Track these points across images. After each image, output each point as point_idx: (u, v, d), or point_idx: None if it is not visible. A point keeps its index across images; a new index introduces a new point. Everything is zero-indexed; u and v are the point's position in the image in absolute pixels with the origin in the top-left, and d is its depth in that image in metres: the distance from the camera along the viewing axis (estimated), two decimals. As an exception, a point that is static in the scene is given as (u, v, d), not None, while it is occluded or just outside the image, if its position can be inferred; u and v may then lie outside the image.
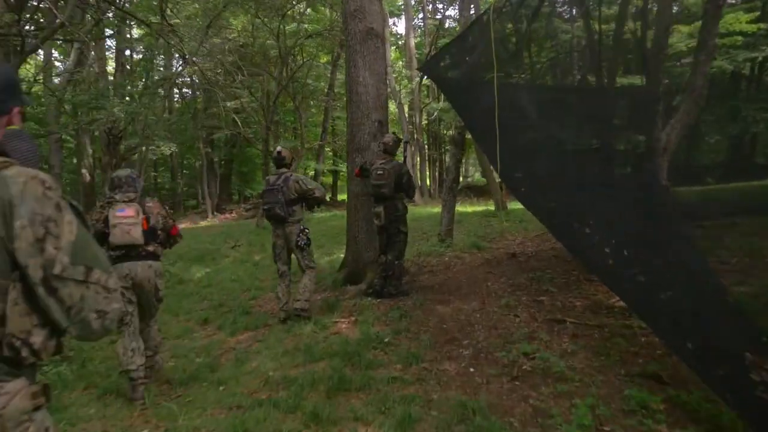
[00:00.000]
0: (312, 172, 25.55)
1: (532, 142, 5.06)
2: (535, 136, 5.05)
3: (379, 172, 5.69)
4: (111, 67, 26.49)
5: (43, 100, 16.21)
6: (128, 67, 27.67)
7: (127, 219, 3.71)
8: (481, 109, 4.89)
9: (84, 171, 26.90)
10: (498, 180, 12.13)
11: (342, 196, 31.39)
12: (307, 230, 5.49)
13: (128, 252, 3.75)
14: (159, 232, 3.96)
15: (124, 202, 3.78)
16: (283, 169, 5.54)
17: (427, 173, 27.89)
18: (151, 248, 3.87)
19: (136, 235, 3.72)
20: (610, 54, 5.21)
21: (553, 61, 5.83)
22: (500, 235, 9.60)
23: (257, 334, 5.29)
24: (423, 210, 17.43)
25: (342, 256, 8.65)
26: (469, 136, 8.98)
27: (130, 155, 24.56)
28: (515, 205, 14.92)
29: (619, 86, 5.12)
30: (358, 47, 6.53)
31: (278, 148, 5.64)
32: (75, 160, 27.62)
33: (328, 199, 26.95)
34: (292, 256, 5.63)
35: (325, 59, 23.75)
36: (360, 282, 6.39)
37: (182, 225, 22.05)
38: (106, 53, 26.78)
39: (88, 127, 15.87)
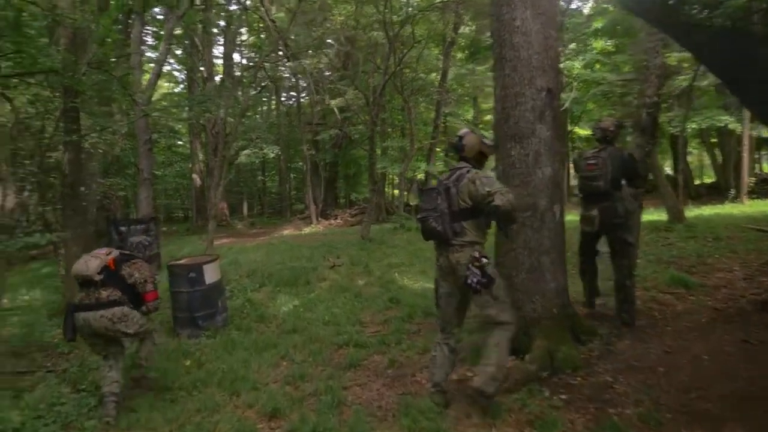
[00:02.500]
0: (422, 175, 23.35)
1: None
2: None
3: (591, 162, 4.56)
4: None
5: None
6: (237, 72, 27.43)
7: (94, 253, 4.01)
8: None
9: (195, 176, 26.96)
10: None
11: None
12: (484, 259, 3.24)
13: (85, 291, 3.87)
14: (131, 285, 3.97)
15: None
16: (462, 164, 3.51)
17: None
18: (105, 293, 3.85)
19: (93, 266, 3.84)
20: None
21: None
22: (699, 260, 6.71)
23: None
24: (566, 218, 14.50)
25: None
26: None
27: (235, 158, 24.07)
28: (692, 212, 11.61)
29: None
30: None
31: (462, 131, 3.62)
32: (186, 165, 27.81)
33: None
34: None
35: (436, 50, 21.46)
36: (524, 350, 3.97)
37: (285, 231, 20.94)
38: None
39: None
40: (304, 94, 27.60)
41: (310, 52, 17.95)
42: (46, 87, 6.61)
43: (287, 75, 26.33)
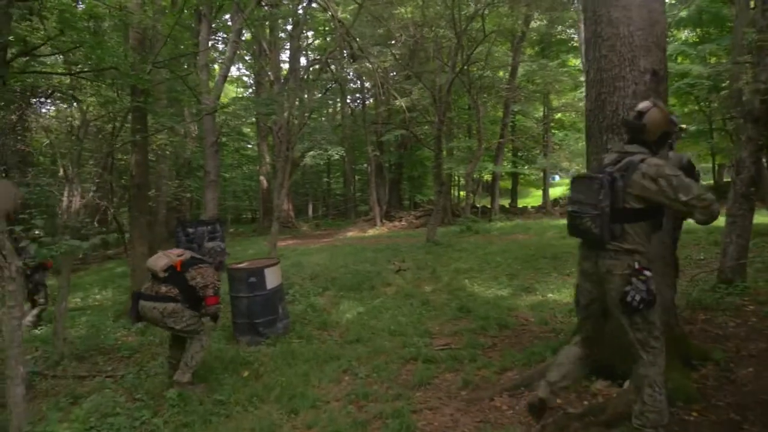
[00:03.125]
0: (489, 176, 22.59)
1: None
2: None
3: None
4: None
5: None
6: (302, 74, 27.63)
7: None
8: None
9: (261, 177, 27.43)
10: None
11: (524, 202, 27.98)
12: (647, 272, 2.64)
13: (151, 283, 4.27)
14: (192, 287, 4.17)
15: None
16: (635, 147, 2.78)
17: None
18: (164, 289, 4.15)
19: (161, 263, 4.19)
20: None
21: None
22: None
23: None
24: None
25: (557, 297, 5.76)
26: None
27: (300, 160, 24.20)
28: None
29: None
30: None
31: (643, 104, 2.82)
32: (252, 168, 28.35)
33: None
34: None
35: (505, 46, 20.67)
36: (621, 375, 3.39)
37: (350, 233, 20.76)
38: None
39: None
40: (368, 95, 27.50)
41: (375, 51, 17.67)
42: (114, 88, 6.63)
43: (352, 77, 26.33)
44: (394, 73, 22.36)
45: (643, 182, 2.59)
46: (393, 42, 18.85)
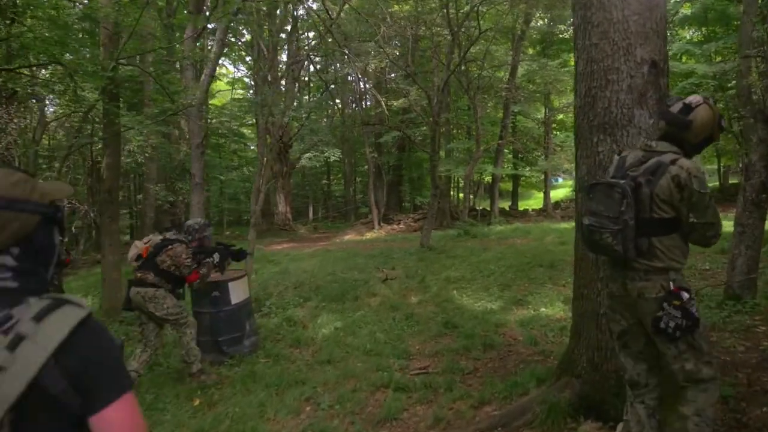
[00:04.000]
0: (489, 178, 22.10)
1: None
2: None
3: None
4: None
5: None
6: (303, 78, 27.19)
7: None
8: None
9: (260, 180, 26.97)
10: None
11: (526, 204, 27.47)
12: (685, 294, 2.20)
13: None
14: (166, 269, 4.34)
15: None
16: (666, 146, 2.35)
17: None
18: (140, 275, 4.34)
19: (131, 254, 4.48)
20: None
21: None
22: None
23: None
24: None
25: (549, 312, 5.35)
26: None
27: (297, 161, 23.75)
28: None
29: None
30: None
31: (693, 98, 2.36)
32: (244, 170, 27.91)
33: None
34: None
35: (505, 45, 20.17)
36: (607, 414, 2.92)
37: (347, 236, 20.28)
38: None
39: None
40: (367, 96, 27.06)
41: (371, 52, 17.23)
42: (75, 85, 6.21)
43: (352, 77, 25.88)
44: (393, 75, 21.96)
45: (672, 190, 2.20)
46: (387, 40, 18.44)
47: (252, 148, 29.99)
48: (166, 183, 16.64)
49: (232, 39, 20.27)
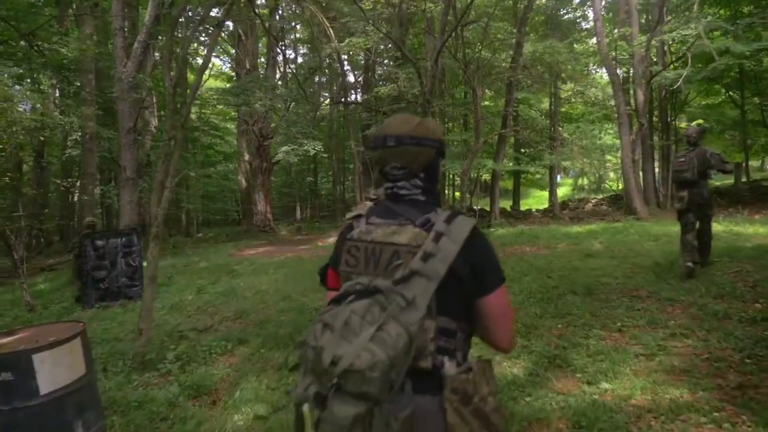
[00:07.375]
0: (488, 175, 19.86)
1: None
2: None
3: (681, 159, 5.92)
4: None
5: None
6: (282, 64, 24.81)
7: None
8: None
9: (240, 177, 24.68)
10: None
11: (526, 204, 25.34)
12: None
13: None
14: None
15: None
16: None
17: (656, 172, 19.95)
18: None
19: None
20: None
21: None
22: None
23: None
24: (651, 229, 10.72)
25: (616, 389, 3.01)
26: None
27: (275, 154, 21.38)
28: None
29: None
30: None
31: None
32: (226, 166, 25.58)
33: (506, 209, 21.06)
34: None
35: (507, 23, 17.92)
36: None
37: (331, 239, 17.79)
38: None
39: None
40: (358, 86, 24.86)
41: (362, 28, 14.97)
42: None
43: (336, 65, 23.63)
44: (387, 61, 19.78)
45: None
46: (377, 16, 16.20)
47: (235, 142, 27.62)
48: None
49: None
